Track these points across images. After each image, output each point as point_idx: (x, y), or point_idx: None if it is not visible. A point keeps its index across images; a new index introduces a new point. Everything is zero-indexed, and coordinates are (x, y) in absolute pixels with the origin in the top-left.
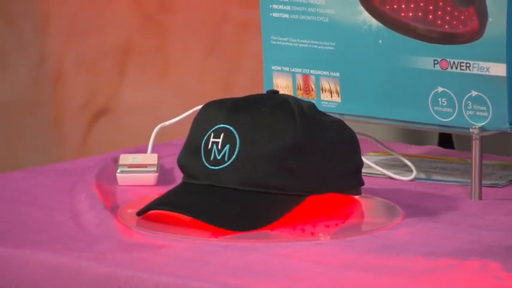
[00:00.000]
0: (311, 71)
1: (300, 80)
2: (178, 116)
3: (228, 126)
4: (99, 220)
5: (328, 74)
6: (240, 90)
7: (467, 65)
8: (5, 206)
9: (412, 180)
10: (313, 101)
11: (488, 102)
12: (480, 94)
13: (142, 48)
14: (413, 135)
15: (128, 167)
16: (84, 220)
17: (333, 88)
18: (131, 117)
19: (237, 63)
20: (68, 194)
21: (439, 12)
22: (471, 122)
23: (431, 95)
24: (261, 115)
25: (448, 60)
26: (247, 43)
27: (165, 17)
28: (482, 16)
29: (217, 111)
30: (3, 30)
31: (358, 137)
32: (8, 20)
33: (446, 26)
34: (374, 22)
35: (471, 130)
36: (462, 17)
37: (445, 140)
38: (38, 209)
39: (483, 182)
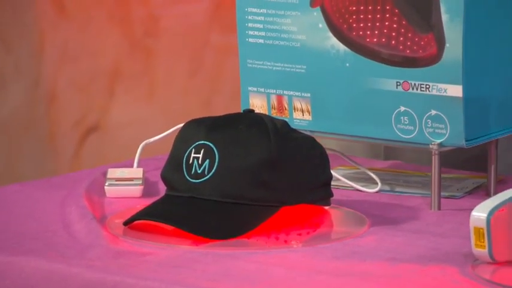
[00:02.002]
0: (284, 92)
1: (274, 100)
2: (162, 132)
3: (207, 143)
4: (89, 229)
5: (300, 95)
6: (220, 109)
7: (427, 86)
8: (1, 217)
9: (377, 192)
10: (286, 119)
11: (446, 121)
12: (439, 113)
13: (130, 71)
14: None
15: (116, 180)
16: (75, 230)
17: (304, 107)
18: (119, 133)
19: (217, 84)
20: (60, 206)
21: (401, 38)
22: (431, 138)
23: (394, 114)
24: (238, 132)
25: (409, 82)
26: (227, 66)
27: (151, 42)
28: (440, 42)
29: (198, 128)
30: (1, 55)
31: (328, 152)
32: (5, 46)
33: (408, 51)
34: (342, 47)
35: (431, 146)
36: (422, 43)
37: None
38: (32, 220)
39: (442, 193)
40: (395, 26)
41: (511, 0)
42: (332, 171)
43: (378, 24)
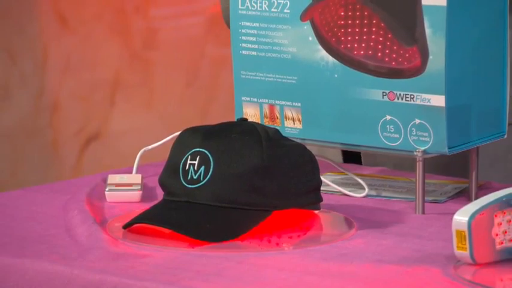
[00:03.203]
0: (276, 102)
1: (266, 109)
2: (160, 140)
3: (203, 150)
4: (90, 233)
5: (291, 104)
6: (215, 118)
7: (412, 96)
8: (6, 221)
9: (364, 196)
10: (278, 128)
11: (430, 129)
12: (423, 122)
13: (129, 81)
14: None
15: (115, 186)
16: (76, 233)
17: (295, 116)
18: (119, 141)
19: (213, 94)
20: (62, 210)
21: (387, 51)
22: (415, 146)
23: (380, 123)
24: (232, 140)
25: (394, 92)
26: (222, 77)
27: (149, 54)
28: (424, 54)
29: (194, 136)
30: (7, 66)
31: (317, 159)
32: (11, 57)
33: (393, 63)
34: (330, 59)
35: (415, 153)
36: (407, 55)
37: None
38: (35, 224)
39: (426, 198)
40: (381, 39)
41: (491, 14)
42: (321, 177)
43: (365, 37)
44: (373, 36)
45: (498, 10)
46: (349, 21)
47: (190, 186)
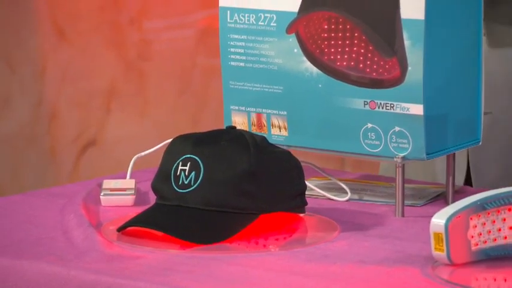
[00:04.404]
0: (263, 110)
1: (253, 118)
2: (153, 147)
3: (193, 156)
4: (86, 235)
5: (277, 113)
6: (206, 126)
7: (391, 105)
8: (6, 224)
9: (347, 200)
10: (265, 135)
11: (409, 136)
12: (402, 129)
13: (124, 91)
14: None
15: (110, 191)
16: (73, 236)
17: (281, 124)
18: (115, 148)
19: (203, 103)
20: (59, 214)
21: (368, 62)
22: (395, 152)
23: (362, 130)
24: (221, 147)
25: (375, 101)
26: (212, 86)
27: (143, 64)
28: (403, 65)
29: (185, 143)
30: (7, 76)
31: (302, 164)
32: (11, 68)
33: (374, 74)
34: (315, 70)
35: (395, 159)
36: (387, 66)
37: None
38: (33, 227)
39: (405, 202)
40: (362, 51)
41: (467, 26)
42: (306, 182)
43: (347, 49)
44: (355, 48)
45: (474, 23)
46: (332, 34)
47: (181, 191)
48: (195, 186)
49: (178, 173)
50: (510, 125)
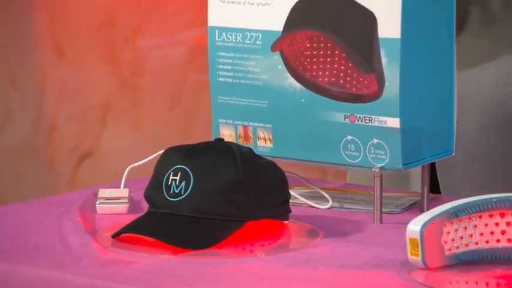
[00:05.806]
0: (249, 123)
1: (240, 130)
2: (146, 158)
3: (184, 167)
4: (82, 242)
5: (262, 126)
6: (196, 138)
7: (370, 119)
8: (6, 231)
9: (328, 208)
10: (251, 147)
11: (386, 148)
12: (380, 141)
13: (119, 105)
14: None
15: (105, 199)
16: (69, 242)
17: (266, 136)
18: (110, 159)
19: (194, 116)
20: (57, 221)
21: (348, 78)
22: (373, 163)
23: (342, 142)
24: (210, 158)
25: (355, 115)
26: (202, 101)
27: (137, 80)
28: (381, 81)
29: (176, 155)
30: (9, 91)
31: (287, 174)
32: (13, 83)
33: (354, 89)
34: (298, 85)
35: (373, 169)
36: (365, 82)
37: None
38: (32, 233)
39: (383, 209)
40: (343, 67)
41: (441, 44)
42: (290, 191)
43: (328, 66)
44: (335, 65)
45: (447, 40)
46: (314, 52)
47: (172, 199)
48: (185, 195)
49: (169, 182)
50: (472, 135)
